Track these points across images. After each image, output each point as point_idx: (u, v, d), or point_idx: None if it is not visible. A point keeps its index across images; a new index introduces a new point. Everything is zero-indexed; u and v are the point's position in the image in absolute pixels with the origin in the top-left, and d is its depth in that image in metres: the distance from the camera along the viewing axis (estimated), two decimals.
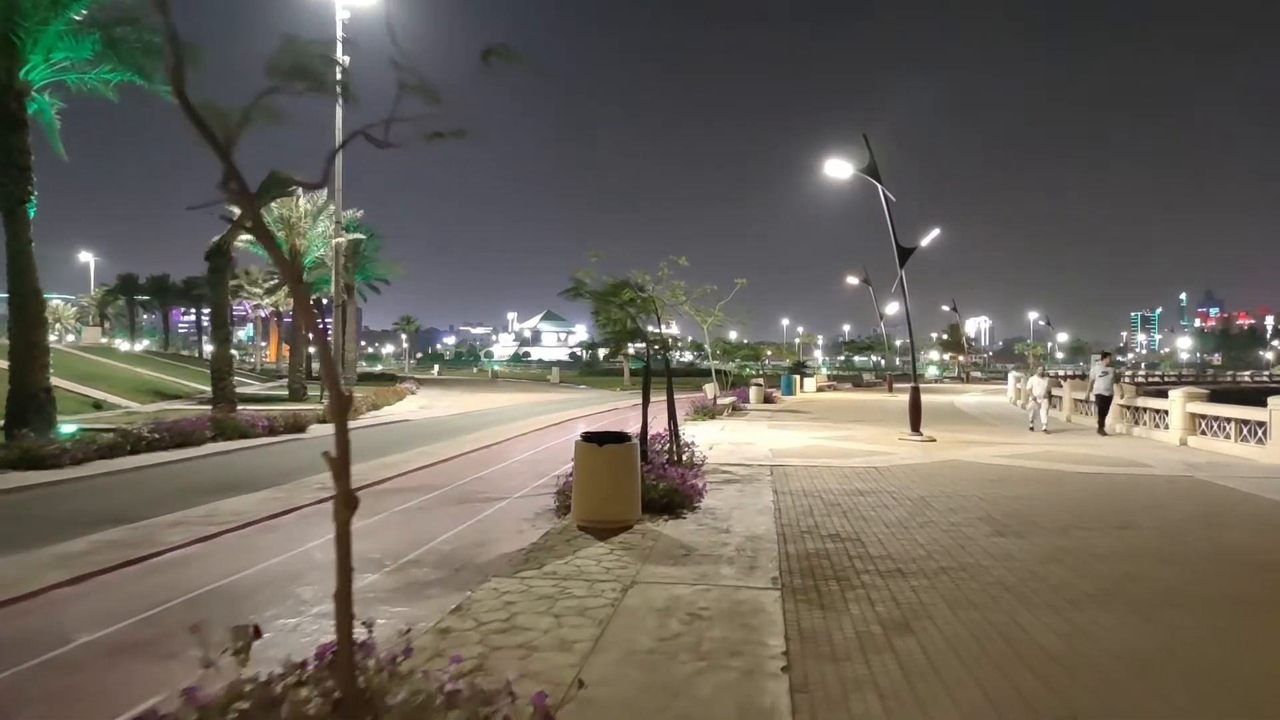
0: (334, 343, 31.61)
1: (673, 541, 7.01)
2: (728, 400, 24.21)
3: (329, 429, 2.55)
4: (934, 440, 16.12)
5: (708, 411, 21.53)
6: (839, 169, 16.55)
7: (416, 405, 28.29)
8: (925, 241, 16.59)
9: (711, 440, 15.68)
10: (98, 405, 24.49)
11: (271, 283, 61.60)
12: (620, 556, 6.47)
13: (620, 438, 7.79)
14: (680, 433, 12.06)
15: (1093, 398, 17.53)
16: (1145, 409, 17.65)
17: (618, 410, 27.74)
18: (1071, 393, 22.92)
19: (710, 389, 23.23)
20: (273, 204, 28.94)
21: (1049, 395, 18.32)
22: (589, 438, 7.73)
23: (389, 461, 12.83)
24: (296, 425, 17.78)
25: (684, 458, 11.73)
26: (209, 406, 21.11)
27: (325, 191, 30.39)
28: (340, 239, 29.10)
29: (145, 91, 15.30)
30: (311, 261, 30.75)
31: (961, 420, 23.01)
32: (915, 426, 16.33)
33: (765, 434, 17.43)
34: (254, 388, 36.04)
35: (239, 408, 22.32)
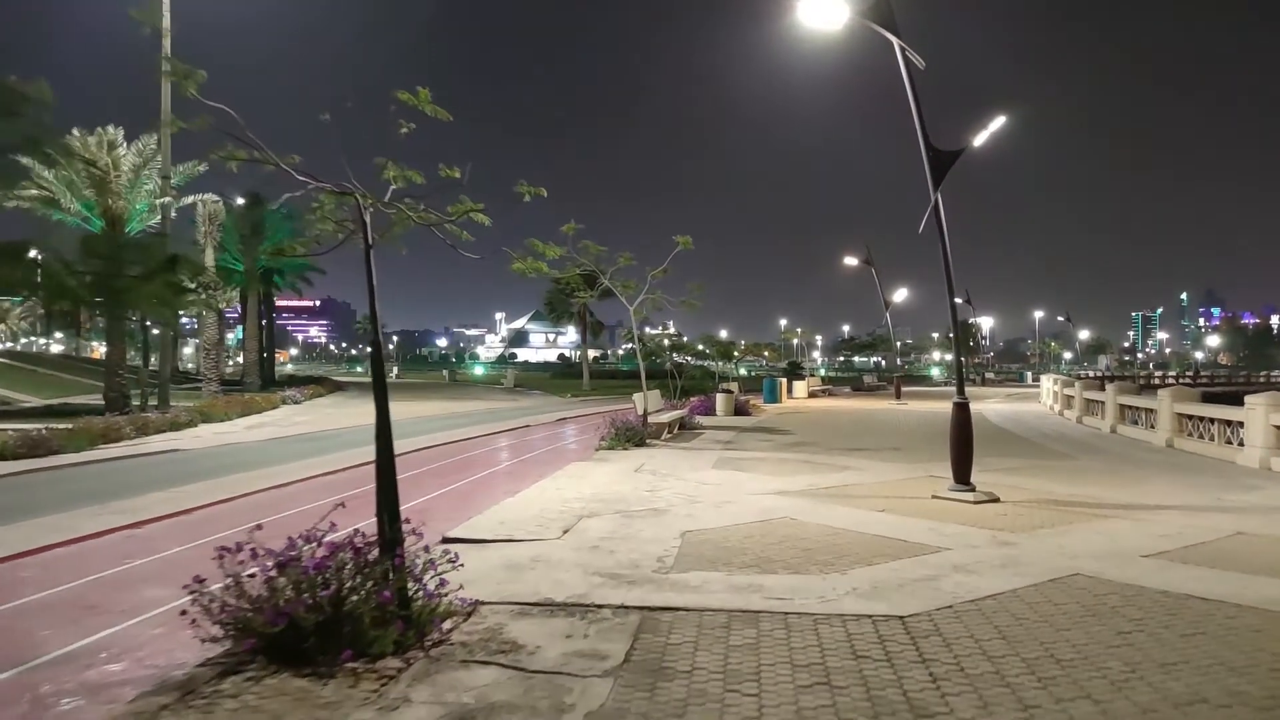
0: (163, 341, 24.26)
1: None
2: (671, 416, 16.83)
3: None
4: (996, 499, 8.88)
5: (632, 435, 14.18)
6: (824, 14, 9.27)
7: (259, 421, 21.01)
8: (980, 139, 9.29)
9: (581, 506, 8.39)
10: None
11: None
12: None
13: None
14: (402, 537, 4.79)
15: None
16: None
17: (530, 429, 20.49)
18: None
19: (639, 400, 15.77)
20: (73, 145, 21.57)
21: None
22: None
23: None
24: None
25: (413, 618, 4.46)
26: None
27: (156, 139, 23.08)
28: (168, 199, 21.81)
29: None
30: (136, 229, 23.27)
31: (1014, 445, 15.64)
32: (962, 476, 9.07)
33: (699, 484, 10.15)
34: (93, 398, 28.55)
35: None
